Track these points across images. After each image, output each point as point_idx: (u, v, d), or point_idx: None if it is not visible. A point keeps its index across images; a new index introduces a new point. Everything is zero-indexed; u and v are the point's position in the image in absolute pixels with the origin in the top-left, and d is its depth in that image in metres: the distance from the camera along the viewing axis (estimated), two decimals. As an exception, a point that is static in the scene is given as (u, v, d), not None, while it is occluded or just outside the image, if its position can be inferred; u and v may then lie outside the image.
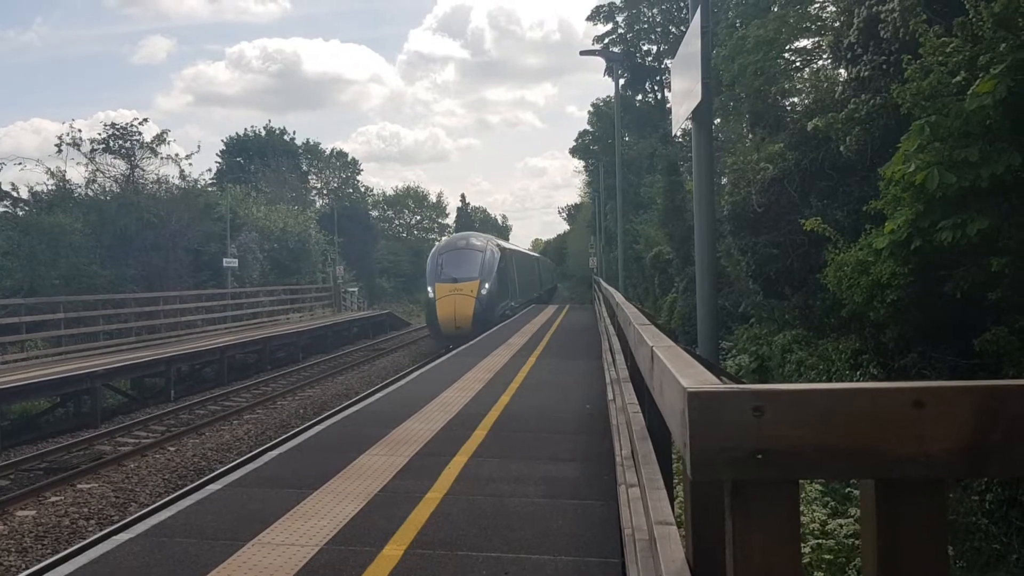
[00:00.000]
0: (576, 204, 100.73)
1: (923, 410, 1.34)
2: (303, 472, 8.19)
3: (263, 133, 77.38)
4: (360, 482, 7.77)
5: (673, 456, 4.54)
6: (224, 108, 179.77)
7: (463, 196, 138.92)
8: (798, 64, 25.05)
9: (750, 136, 21.63)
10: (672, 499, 3.35)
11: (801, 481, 1.42)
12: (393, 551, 5.82)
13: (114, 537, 6.37)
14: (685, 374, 1.51)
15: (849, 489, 8.32)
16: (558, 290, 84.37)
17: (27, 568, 8.25)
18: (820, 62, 23.10)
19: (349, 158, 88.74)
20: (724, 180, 18.39)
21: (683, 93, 5.10)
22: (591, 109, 69.27)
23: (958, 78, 8.09)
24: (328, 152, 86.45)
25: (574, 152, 74.52)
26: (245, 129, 79.46)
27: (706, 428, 1.29)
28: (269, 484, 7.78)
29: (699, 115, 4.87)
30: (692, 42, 4.74)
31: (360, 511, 6.82)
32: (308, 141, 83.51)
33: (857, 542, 7.39)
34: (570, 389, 13.65)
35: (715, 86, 4.87)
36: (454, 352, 20.51)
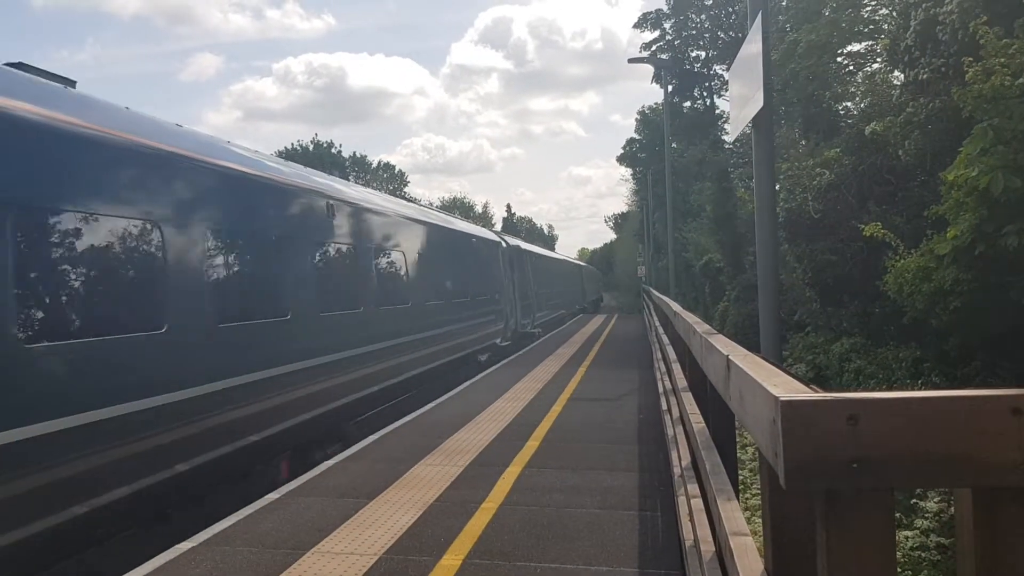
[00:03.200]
0: (623, 213, 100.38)
1: (1022, 417, 1.30)
2: (359, 482, 8.25)
3: (311, 147, 78.62)
4: (416, 491, 7.80)
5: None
6: (272, 123, 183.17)
7: (508, 206, 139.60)
8: (851, 68, 24.69)
9: (803, 142, 21.32)
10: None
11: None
12: (451, 561, 5.83)
13: (177, 546, 6.46)
14: (773, 383, 1.48)
15: (914, 500, 8.12)
16: (604, 300, 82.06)
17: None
18: (874, 65, 22.73)
19: (396, 170, 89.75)
20: (777, 186, 18.16)
21: (742, 98, 5.04)
22: (638, 117, 69.21)
23: (1022, 80, 7.89)
24: (375, 165, 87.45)
25: (621, 160, 74.36)
26: (293, 143, 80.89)
27: (800, 437, 1.27)
28: (327, 493, 7.85)
29: (760, 120, 4.81)
30: (752, 45, 4.68)
31: (417, 520, 6.84)
32: (355, 154, 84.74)
33: (924, 555, 7.20)
34: (622, 399, 13.55)
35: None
36: (503, 363, 20.51)
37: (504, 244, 28.28)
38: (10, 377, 5.77)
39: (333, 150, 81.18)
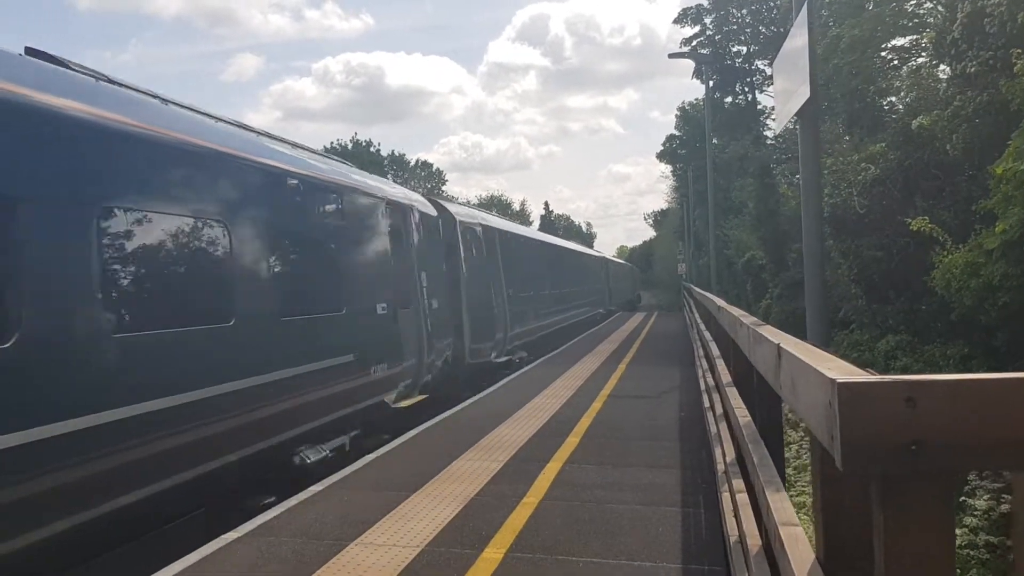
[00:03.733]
0: (662, 210, 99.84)
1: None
2: (400, 476, 8.31)
3: (350, 146, 79.29)
4: (456, 485, 7.84)
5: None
6: (311, 123, 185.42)
7: (546, 204, 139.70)
8: (895, 63, 24.31)
9: (847, 137, 21.04)
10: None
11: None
12: (493, 554, 5.85)
13: (223, 536, 6.57)
14: (827, 367, 1.47)
15: (963, 498, 7.96)
16: (642, 299, 79.16)
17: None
18: (920, 60, 22.35)
19: (434, 168, 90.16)
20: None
21: (787, 92, 4.99)
22: (678, 113, 68.75)
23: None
24: (413, 163, 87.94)
25: (661, 157, 73.91)
26: (332, 142, 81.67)
27: (857, 419, 1.26)
28: (368, 487, 7.92)
29: (806, 112, 4.76)
30: (797, 39, 4.63)
31: (458, 514, 6.88)
32: (393, 152, 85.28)
33: (973, 553, 7.08)
34: (662, 396, 13.49)
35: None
36: (542, 360, 20.50)
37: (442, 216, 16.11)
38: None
39: (372, 149, 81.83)
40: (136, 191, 6.84)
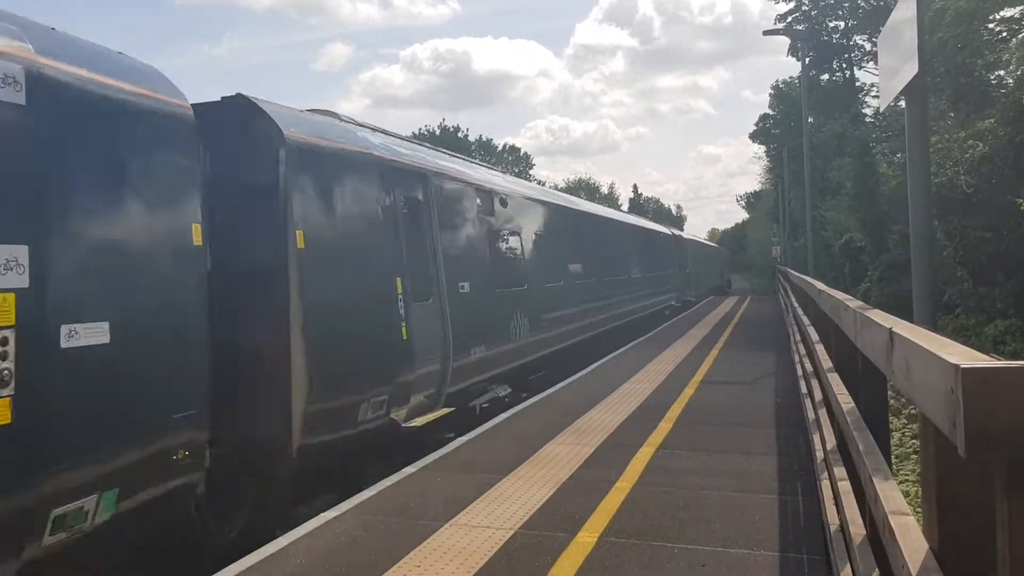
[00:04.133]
0: (755, 191, 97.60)
1: None
2: (493, 458, 8.40)
3: (437, 132, 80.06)
4: (548, 469, 7.88)
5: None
6: (399, 110, 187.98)
7: (635, 187, 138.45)
8: (1004, 35, 23.09)
9: (952, 114, 20.14)
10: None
11: None
12: (586, 538, 5.86)
13: (322, 514, 6.76)
14: (947, 352, 1.42)
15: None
16: (732, 284, 76.05)
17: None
18: (1033, 29, 21.19)
19: (521, 152, 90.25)
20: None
21: (892, 68, 4.77)
22: (771, 92, 66.88)
23: None
24: (500, 148, 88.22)
25: (754, 137, 72.20)
26: (420, 128, 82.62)
27: (982, 406, 1.21)
28: (461, 469, 8.03)
29: (913, 90, 4.54)
30: (903, 10, 4.42)
31: (551, 497, 6.91)
32: (481, 137, 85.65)
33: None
34: (757, 382, 13.23)
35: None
36: (632, 344, 20.34)
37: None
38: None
39: (460, 134, 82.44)
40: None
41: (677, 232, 36.57)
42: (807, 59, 37.45)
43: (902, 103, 5.50)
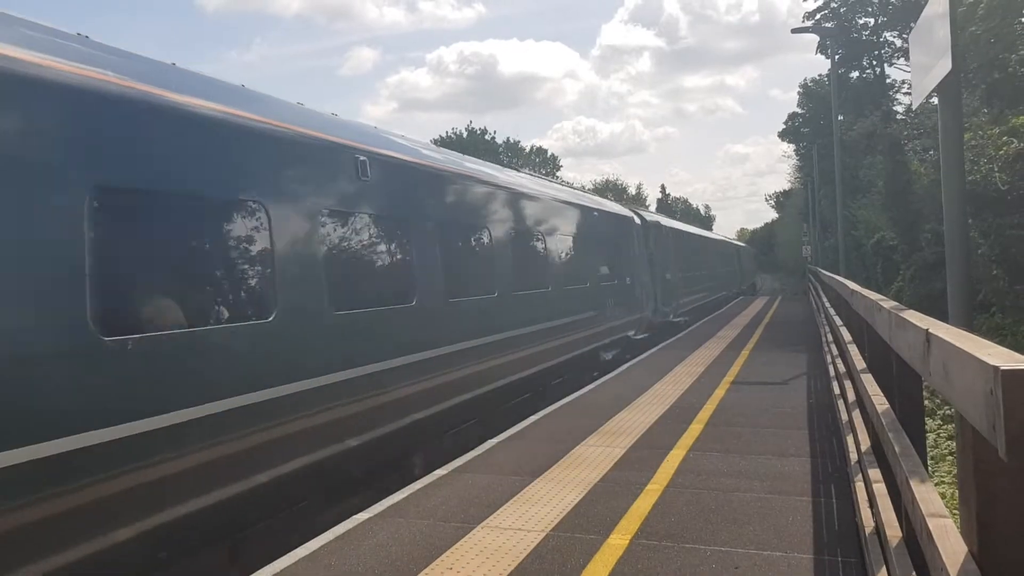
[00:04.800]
0: (784, 191, 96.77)
1: None
2: (523, 460, 8.41)
3: (464, 134, 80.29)
4: (579, 471, 7.87)
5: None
6: (426, 112, 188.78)
7: (663, 187, 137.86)
8: (1040, 27, 22.70)
9: (985, 109, 19.83)
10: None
11: None
12: (618, 540, 5.85)
13: (355, 516, 6.82)
14: (987, 353, 1.41)
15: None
16: (759, 284, 72.94)
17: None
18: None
19: (548, 154, 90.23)
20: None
21: (924, 65, 4.71)
22: (800, 90, 66.39)
23: None
24: (528, 150, 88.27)
25: (783, 136, 71.70)
26: (447, 132, 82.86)
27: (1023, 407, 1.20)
28: (492, 471, 8.05)
29: (946, 87, 4.48)
30: (936, 5, 4.36)
31: (582, 500, 6.91)
32: (508, 139, 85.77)
33: None
34: (789, 383, 13.12)
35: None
36: (662, 345, 20.28)
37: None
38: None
39: (487, 136, 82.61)
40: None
41: (647, 216, 26.24)
42: (836, 56, 37.08)
43: (934, 99, 5.43)
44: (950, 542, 1.90)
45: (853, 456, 6.35)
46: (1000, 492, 1.67)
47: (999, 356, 1.36)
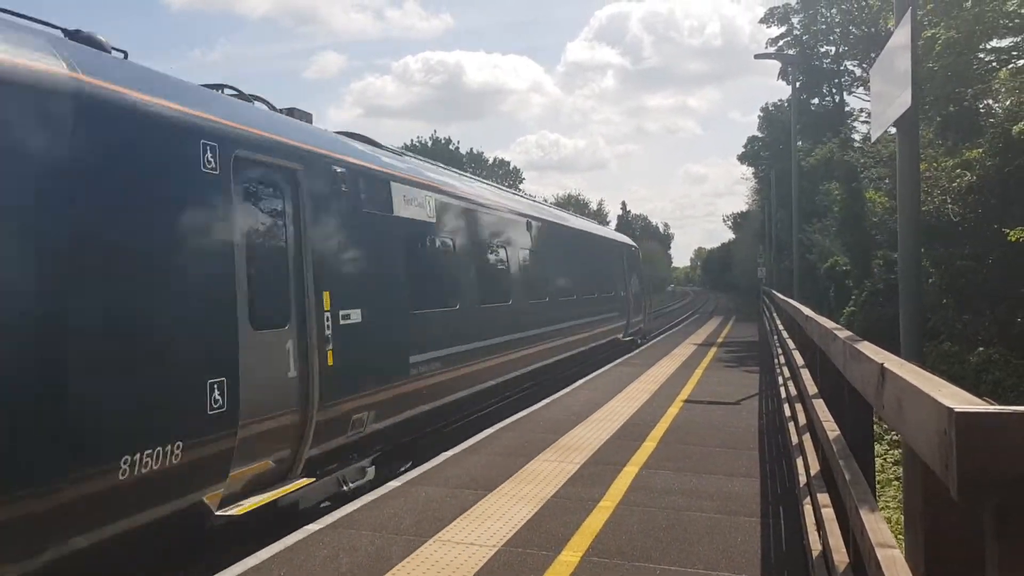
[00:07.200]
0: (742, 212, 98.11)
1: None
2: (477, 474, 8.39)
3: (429, 143, 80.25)
4: (532, 486, 7.88)
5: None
6: (391, 119, 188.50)
7: (624, 203, 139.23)
8: (994, 64, 23.33)
9: (939, 142, 20.30)
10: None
11: None
12: (569, 557, 5.86)
13: (305, 527, 6.74)
14: (942, 394, 1.44)
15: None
16: (711, 303, 72.47)
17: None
18: (1021, 62, 21.44)
19: (511, 167, 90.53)
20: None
21: (884, 95, 4.82)
22: (760, 114, 67.44)
23: None
24: (491, 161, 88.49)
25: (742, 159, 72.71)
26: (412, 140, 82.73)
27: (976, 450, 1.23)
28: (446, 484, 8.02)
29: (905, 121, 4.59)
30: (899, 37, 4.47)
31: (535, 515, 6.91)
32: (472, 150, 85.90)
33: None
34: (741, 404, 13.28)
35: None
36: (617, 362, 20.40)
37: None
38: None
39: (451, 147, 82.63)
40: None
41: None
42: (797, 83, 37.76)
43: (892, 129, 5.56)
44: (897, 572, 1.93)
45: (802, 479, 6.43)
46: (949, 528, 1.71)
47: (952, 397, 1.40)
